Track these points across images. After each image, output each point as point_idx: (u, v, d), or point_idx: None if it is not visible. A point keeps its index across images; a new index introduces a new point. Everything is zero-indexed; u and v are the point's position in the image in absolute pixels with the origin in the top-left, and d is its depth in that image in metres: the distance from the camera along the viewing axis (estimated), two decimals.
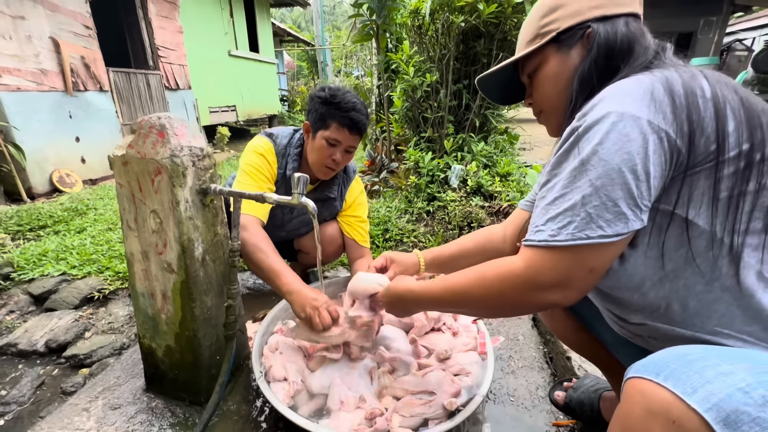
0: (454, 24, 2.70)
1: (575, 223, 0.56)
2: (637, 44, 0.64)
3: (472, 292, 0.68)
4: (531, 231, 0.62)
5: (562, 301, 0.60)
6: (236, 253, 1.10)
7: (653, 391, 0.47)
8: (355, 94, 1.43)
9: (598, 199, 0.55)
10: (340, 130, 1.39)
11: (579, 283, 0.59)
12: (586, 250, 0.56)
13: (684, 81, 0.55)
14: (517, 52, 0.77)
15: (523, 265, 0.61)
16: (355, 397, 1.05)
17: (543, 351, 1.48)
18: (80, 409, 1.13)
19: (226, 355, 1.13)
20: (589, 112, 0.58)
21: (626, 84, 0.58)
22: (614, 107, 0.55)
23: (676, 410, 0.44)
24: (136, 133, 0.96)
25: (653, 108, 0.54)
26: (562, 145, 0.61)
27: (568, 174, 0.58)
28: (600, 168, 0.54)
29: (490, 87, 0.87)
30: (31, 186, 3.89)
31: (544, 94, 0.74)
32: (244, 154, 1.49)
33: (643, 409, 0.47)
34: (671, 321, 0.62)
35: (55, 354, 1.62)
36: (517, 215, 1.04)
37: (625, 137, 0.53)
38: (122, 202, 1.03)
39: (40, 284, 2.00)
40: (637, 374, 0.50)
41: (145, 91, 5.62)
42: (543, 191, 0.63)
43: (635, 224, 0.55)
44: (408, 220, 2.60)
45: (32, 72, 3.92)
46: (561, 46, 0.69)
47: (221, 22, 7.67)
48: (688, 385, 0.44)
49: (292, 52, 16.87)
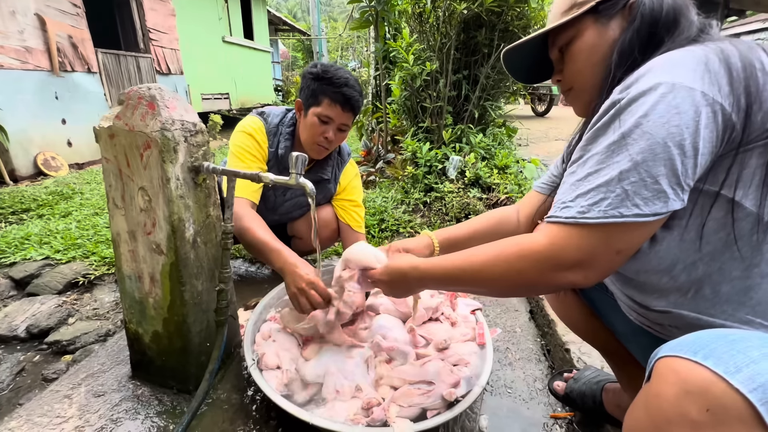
0: (456, 12, 2.64)
1: (609, 199, 0.52)
2: (683, 17, 0.60)
3: (487, 269, 0.64)
4: (557, 207, 0.58)
5: (582, 282, 0.57)
6: (229, 235, 1.05)
7: (691, 369, 0.43)
8: (348, 70, 1.39)
9: (637, 175, 0.51)
10: (333, 107, 1.34)
11: (603, 265, 0.56)
12: (616, 229, 0.53)
13: (741, 53, 0.51)
14: (549, 24, 0.72)
15: (546, 242, 0.57)
16: (351, 386, 1.02)
17: (540, 343, 1.46)
18: (62, 395, 1.08)
19: (217, 342, 1.08)
20: (633, 84, 0.54)
21: (677, 54, 0.54)
22: (664, 78, 0.51)
23: (717, 390, 0.41)
24: (123, 104, 0.91)
25: (707, 79, 0.50)
26: (599, 119, 0.57)
27: (605, 148, 0.54)
28: (642, 142, 0.51)
29: (514, 62, 0.82)
30: (14, 168, 3.76)
31: (577, 68, 0.70)
32: (234, 135, 1.44)
33: (679, 389, 0.43)
34: (698, 307, 0.59)
35: (37, 340, 1.56)
36: (531, 197, 1.00)
37: (675, 109, 0.49)
38: (108, 178, 0.98)
39: (21, 268, 1.92)
40: (671, 353, 0.46)
41: (135, 75, 5.47)
42: (573, 167, 0.59)
43: (675, 204, 0.51)
44: (404, 211, 2.57)
45: (16, 49, 3.77)
46: (599, 17, 0.65)
47: (215, 7, 7.49)
48: (731, 363, 0.41)
49: (288, 42, 16.63)
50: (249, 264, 2.05)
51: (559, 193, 0.60)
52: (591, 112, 0.67)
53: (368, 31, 3.83)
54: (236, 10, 8.29)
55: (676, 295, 0.61)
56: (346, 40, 13.60)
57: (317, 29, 12.11)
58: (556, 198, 0.60)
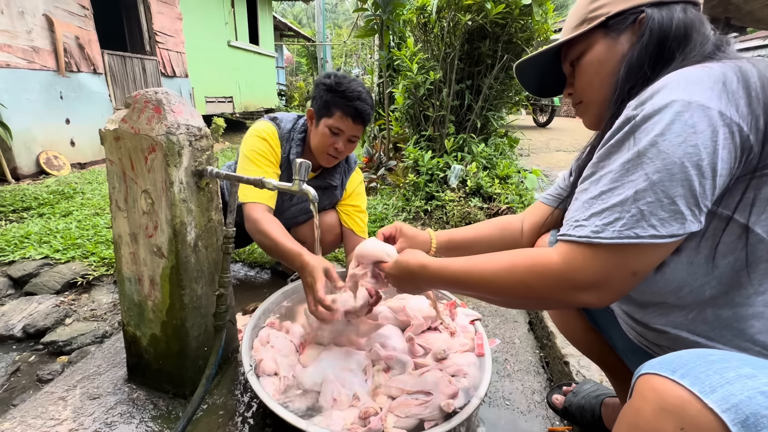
0: (460, 22, 2.67)
1: (623, 220, 0.52)
2: (695, 32, 0.60)
3: (498, 279, 0.63)
4: (569, 225, 0.57)
5: (596, 303, 0.56)
6: (230, 240, 1.05)
7: (668, 388, 0.44)
8: (361, 82, 1.39)
9: (653, 195, 0.50)
10: (344, 119, 1.35)
11: (618, 286, 0.54)
12: (632, 250, 0.52)
13: (760, 72, 0.51)
14: (562, 37, 0.73)
15: (560, 261, 0.56)
16: (349, 394, 1.01)
17: (539, 355, 1.46)
18: (56, 397, 1.07)
19: (215, 347, 1.08)
20: (648, 100, 0.53)
21: (693, 71, 0.53)
22: (679, 95, 0.50)
23: (692, 409, 0.41)
24: (130, 108, 0.91)
25: (725, 98, 0.49)
26: (613, 136, 0.56)
27: (620, 167, 0.53)
28: (659, 161, 0.50)
29: (527, 75, 0.83)
30: (16, 167, 3.77)
31: (587, 81, 0.70)
32: (246, 138, 1.44)
33: (655, 406, 0.44)
34: (697, 329, 0.59)
35: (33, 340, 1.55)
36: (537, 209, 0.99)
37: (691, 128, 0.49)
38: (112, 180, 0.98)
39: (20, 267, 1.91)
40: (651, 370, 0.47)
41: (141, 76, 5.50)
42: (585, 184, 0.58)
43: (692, 226, 0.50)
44: (405, 219, 2.57)
45: (23, 49, 3.79)
46: (609, 32, 0.65)
47: (222, 12, 7.56)
48: (706, 384, 0.42)
49: (292, 48, 16.77)
50: (248, 268, 2.04)
51: (571, 210, 0.59)
52: (601, 125, 0.67)
53: (373, 38, 3.87)
54: (242, 15, 8.37)
55: (678, 315, 0.60)
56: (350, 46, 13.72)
57: (322, 36, 12.22)
58: (569, 215, 0.59)
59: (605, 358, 0.94)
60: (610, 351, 0.92)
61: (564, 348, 1.33)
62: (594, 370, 1.22)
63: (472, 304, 1.73)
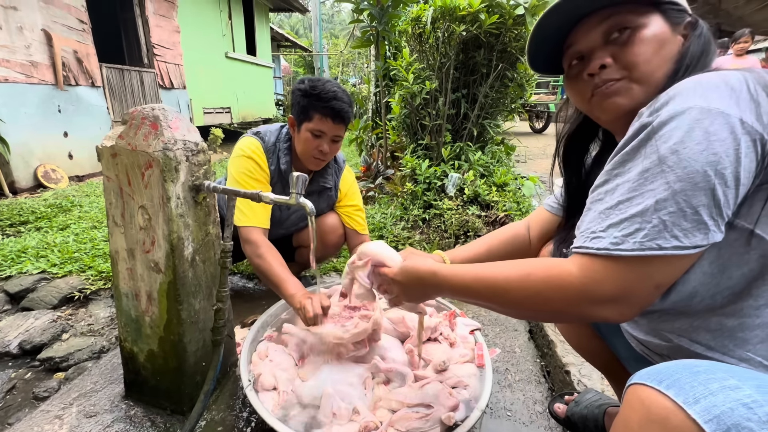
0: (455, 33, 2.70)
1: (645, 230, 0.50)
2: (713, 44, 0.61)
3: (512, 290, 0.60)
4: (585, 236, 0.55)
5: (616, 318, 0.54)
6: (228, 254, 1.05)
7: (653, 398, 0.44)
8: (336, 82, 1.42)
9: (675, 205, 0.48)
10: (324, 121, 1.37)
11: (640, 300, 0.53)
12: (655, 262, 0.50)
13: None
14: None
15: (579, 275, 0.54)
16: (349, 408, 1.00)
17: (540, 364, 1.45)
18: (52, 416, 1.06)
19: (213, 362, 1.07)
20: (663, 107, 0.51)
21: (707, 77, 0.51)
22: (696, 102, 0.49)
23: (675, 420, 0.42)
24: (127, 124, 0.92)
25: (745, 106, 0.48)
26: (628, 143, 0.54)
27: (637, 175, 0.52)
28: (679, 170, 0.48)
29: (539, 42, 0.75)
30: (14, 180, 3.77)
31: (646, 57, 0.61)
32: (233, 159, 1.46)
33: (642, 417, 0.45)
34: (699, 339, 0.58)
35: (29, 356, 1.53)
36: (540, 215, 0.97)
37: (713, 136, 0.47)
38: (109, 196, 0.98)
39: (17, 282, 1.90)
40: (640, 381, 0.47)
41: (139, 89, 5.53)
42: (599, 193, 0.56)
43: (716, 236, 0.49)
44: (403, 227, 2.57)
45: (21, 64, 3.82)
46: (667, 18, 0.62)
47: (219, 24, 7.64)
48: (690, 395, 0.42)
49: (289, 58, 16.91)
50: (246, 280, 2.04)
51: (585, 221, 0.57)
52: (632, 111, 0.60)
53: (369, 49, 3.91)
54: (240, 27, 8.45)
55: (683, 321, 0.60)
56: (347, 56, 13.85)
57: (319, 46, 12.34)
58: (583, 225, 0.57)
59: (608, 365, 0.94)
60: (613, 358, 0.91)
61: (565, 357, 1.32)
62: (595, 379, 1.21)
63: (472, 313, 1.72)
